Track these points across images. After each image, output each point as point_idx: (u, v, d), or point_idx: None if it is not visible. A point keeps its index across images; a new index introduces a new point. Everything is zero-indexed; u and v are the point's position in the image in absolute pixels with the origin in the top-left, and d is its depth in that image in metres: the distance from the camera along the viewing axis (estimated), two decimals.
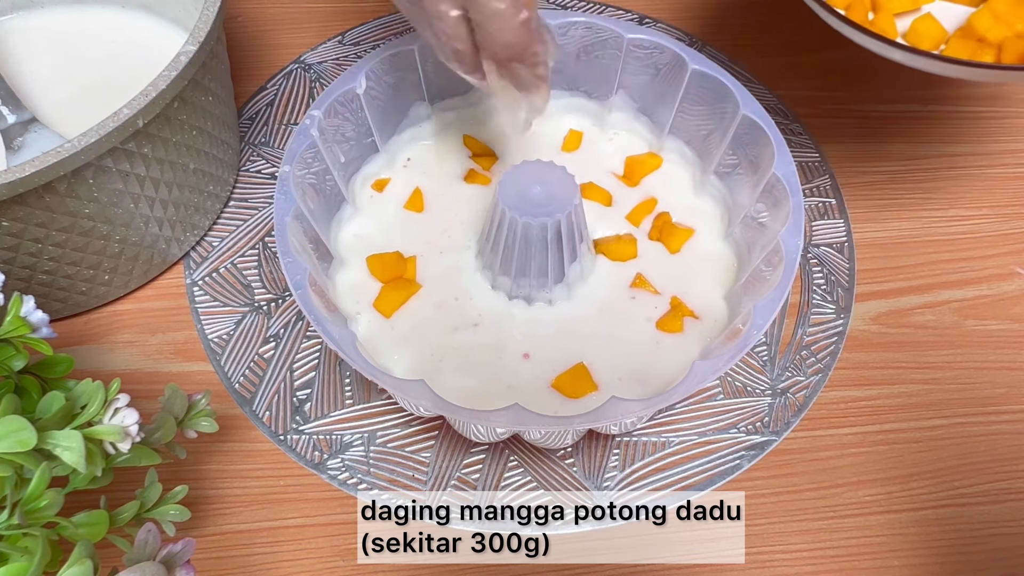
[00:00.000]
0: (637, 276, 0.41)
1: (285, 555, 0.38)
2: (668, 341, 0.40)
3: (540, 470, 0.40)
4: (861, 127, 0.53)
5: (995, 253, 0.48)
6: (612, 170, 0.45)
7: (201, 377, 0.42)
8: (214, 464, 0.40)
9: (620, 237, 0.43)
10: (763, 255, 0.38)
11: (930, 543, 0.39)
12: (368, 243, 0.42)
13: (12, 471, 0.27)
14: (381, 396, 0.41)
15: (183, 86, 0.37)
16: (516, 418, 0.32)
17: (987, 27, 0.38)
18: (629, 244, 0.42)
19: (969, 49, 0.38)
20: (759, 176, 0.40)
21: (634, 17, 0.57)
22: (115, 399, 0.30)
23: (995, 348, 0.44)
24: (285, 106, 0.52)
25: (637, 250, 0.42)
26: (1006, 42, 0.38)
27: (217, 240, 0.46)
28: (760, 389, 0.42)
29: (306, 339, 0.43)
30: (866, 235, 0.48)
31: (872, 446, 0.41)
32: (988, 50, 0.38)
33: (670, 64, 0.43)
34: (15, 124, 0.42)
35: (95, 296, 0.43)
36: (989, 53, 0.38)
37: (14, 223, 0.35)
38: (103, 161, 0.36)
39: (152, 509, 0.32)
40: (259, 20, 0.56)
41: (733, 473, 0.40)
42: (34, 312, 0.31)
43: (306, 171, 0.39)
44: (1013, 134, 0.53)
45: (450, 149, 0.46)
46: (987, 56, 0.38)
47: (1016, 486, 0.40)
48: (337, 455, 0.40)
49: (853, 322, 0.45)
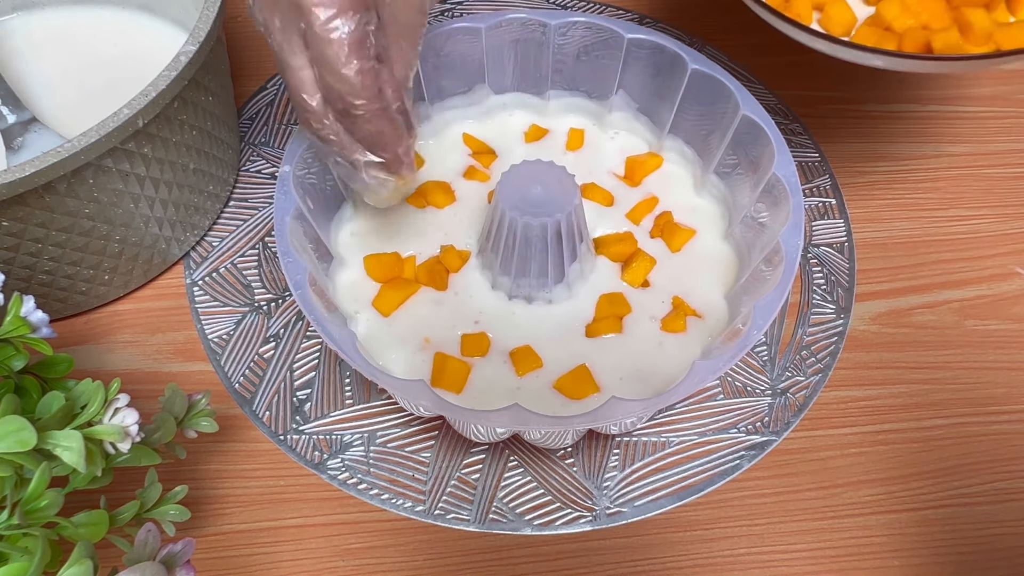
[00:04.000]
0: (638, 276, 0.41)
1: (285, 555, 0.38)
2: (670, 341, 0.40)
3: (540, 470, 0.40)
4: (861, 127, 0.53)
5: (995, 253, 0.48)
6: (613, 170, 0.45)
7: (201, 377, 0.42)
8: (214, 464, 0.40)
9: (620, 236, 0.43)
10: (763, 255, 0.38)
11: (930, 543, 0.39)
12: (367, 242, 0.42)
13: (12, 471, 0.27)
14: (381, 396, 0.41)
15: (183, 86, 0.37)
16: (516, 418, 0.32)
17: (894, 16, 0.39)
18: (629, 244, 0.42)
19: (875, 37, 0.39)
20: (759, 176, 0.40)
21: (634, 17, 0.57)
22: (115, 399, 0.30)
23: (995, 348, 0.44)
24: (285, 106, 0.52)
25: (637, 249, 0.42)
26: (908, 32, 0.39)
27: (217, 240, 0.46)
28: (760, 389, 0.42)
29: (306, 339, 0.43)
30: (866, 235, 0.48)
31: (872, 446, 0.41)
32: (892, 38, 0.39)
33: (670, 64, 0.43)
34: (15, 124, 0.42)
35: (95, 296, 0.43)
36: (892, 42, 0.39)
37: (14, 223, 0.35)
38: (103, 161, 0.36)
39: (152, 509, 0.32)
40: None
41: (733, 473, 0.40)
42: (34, 312, 0.31)
43: (306, 171, 0.39)
44: (1013, 134, 0.53)
45: (450, 148, 0.46)
46: (890, 44, 0.39)
47: (1016, 486, 0.40)
48: (337, 455, 0.40)
49: (853, 322, 0.45)
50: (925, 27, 0.39)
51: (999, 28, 0.39)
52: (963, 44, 0.38)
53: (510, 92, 0.47)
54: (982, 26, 0.38)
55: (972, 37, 0.38)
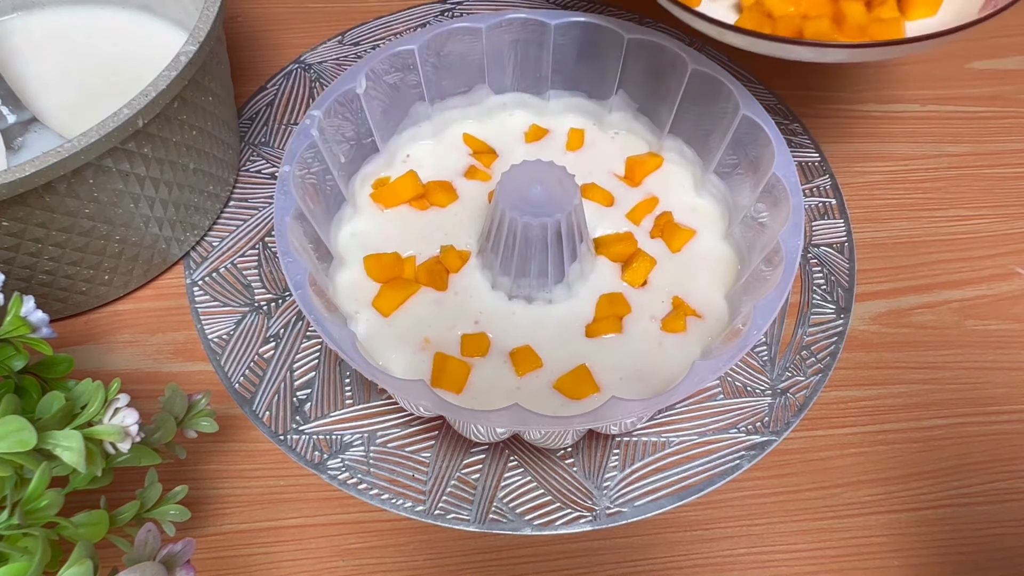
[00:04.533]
0: (638, 276, 0.41)
1: (285, 555, 0.38)
2: (670, 340, 0.40)
3: (540, 470, 0.40)
4: (861, 127, 0.53)
5: (995, 253, 0.48)
6: (613, 170, 0.45)
7: (201, 377, 0.42)
8: (214, 464, 0.40)
9: (620, 236, 0.43)
10: (763, 255, 0.38)
11: (930, 543, 0.39)
12: (367, 242, 0.42)
13: (12, 471, 0.27)
14: (381, 396, 0.41)
15: (183, 86, 0.37)
16: (516, 418, 0.32)
17: (774, 3, 0.40)
18: (629, 244, 0.42)
19: (754, 21, 0.40)
20: (759, 176, 0.40)
21: (634, 17, 0.57)
22: (115, 399, 0.30)
23: (995, 348, 0.44)
24: (285, 106, 0.52)
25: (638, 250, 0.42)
26: (784, 18, 0.40)
27: (217, 240, 0.46)
28: (760, 389, 0.42)
29: (306, 339, 0.43)
30: (866, 235, 0.48)
31: (872, 446, 0.41)
32: (770, 24, 0.40)
33: (670, 64, 0.43)
34: (15, 124, 0.42)
35: (95, 296, 0.43)
36: (769, 27, 0.40)
37: (14, 223, 0.35)
38: (103, 161, 0.36)
39: (152, 509, 0.32)
40: (259, 20, 0.56)
41: (733, 473, 0.40)
42: (34, 312, 0.31)
43: (306, 171, 0.39)
44: (1013, 134, 0.53)
45: (450, 148, 0.46)
46: (766, 29, 0.40)
47: (1016, 486, 0.40)
48: (337, 455, 0.40)
49: (853, 322, 0.45)
50: (804, 16, 0.40)
51: (874, 23, 0.39)
52: (834, 33, 0.39)
53: (510, 92, 0.47)
54: (856, 18, 0.39)
55: (845, 28, 0.39)
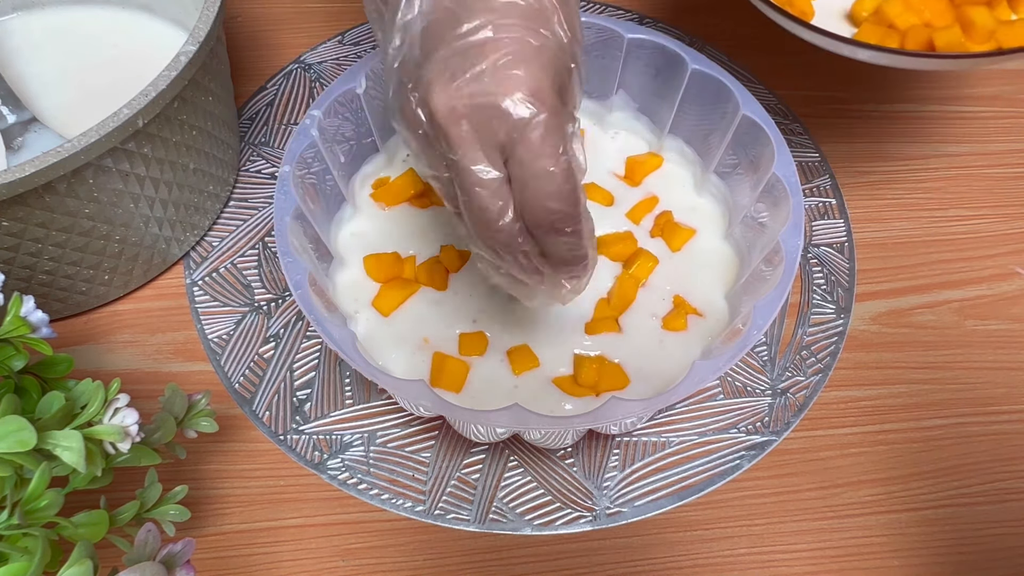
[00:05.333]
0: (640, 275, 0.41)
1: (285, 555, 0.38)
2: (671, 339, 0.40)
3: (540, 470, 0.40)
4: (861, 127, 0.53)
5: (995, 253, 0.48)
6: (613, 170, 0.45)
7: (201, 377, 0.42)
8: (214, 464, 0.40)
9: (621, 236, 0.42)
10: (763, 255, 0.38)
11: (930, 543, 0.39)
12: (366, 242, 0.42)
13: (12, 471, 0.27)
14: (381, 396, 0.41)
15: (183, 86, 0.37)
16: (516, 418, 0.32)
17: (897, 14, 0.40)
18: (630, 243, 0.42)
19: (878, 35, 0.40)
20: (759, 176, 0.40)
21: (634, 17, 0.57)
22: (115, 399, 0.30)
23: (995, 348, 0.44)
24: (285, 106, 0.52)
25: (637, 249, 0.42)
26: (911, 30, 0.39)
27: (217, 240, 0.46)
28: (760, 389, 0.42)
29: (306, 339, 0.43)
30: (866, 235, 0.48)
31: (872, 446, 0.41)
32: (895, 36, 0.40)
33: (670, 64, 0.43)
34: (15, 124, 0.42)
35: (95, 296, 0.43)
36: (895, 39, 0.39)
37: (14, 223, 0.35)
38: (103, 161, 0.36)
39: (152, 509, 0.32)
40: (259, 20, 0.56)
41: (733, 473, 0.40)
42: (34, 312, 0.31)
43: (306, 171, 0.39)
44: (1013, 134, 0.53)
45: None
46: (892, 42, 0.39)
47: (1016, 486, 0.40)
48: (337, 455, 0.40)
49: (853, 322, 0.45)
50: (928, 25, 0.39)
51: (1001, 26, 0.39)
52: (965, 42, 0.38)
53: None
54: (984, 24, 0.38)
55: (974, 35, 0.38)
